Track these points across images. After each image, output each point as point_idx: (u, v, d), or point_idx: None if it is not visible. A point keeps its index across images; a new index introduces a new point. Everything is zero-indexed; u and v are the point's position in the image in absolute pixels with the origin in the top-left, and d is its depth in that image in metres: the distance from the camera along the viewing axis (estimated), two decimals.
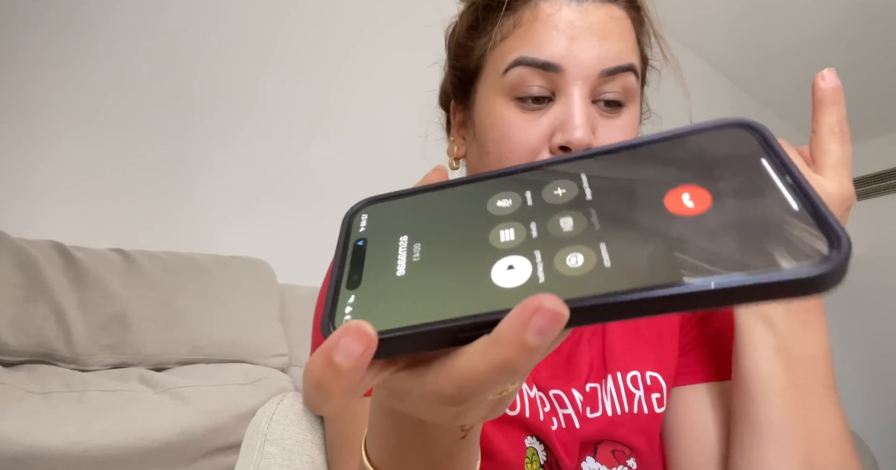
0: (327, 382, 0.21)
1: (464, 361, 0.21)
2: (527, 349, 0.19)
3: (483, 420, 0.28)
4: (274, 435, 0.52)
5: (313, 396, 0.22)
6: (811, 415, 0.48)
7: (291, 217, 1.58)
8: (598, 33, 0.49)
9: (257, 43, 1.65)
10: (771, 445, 0.48)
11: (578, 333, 0.61)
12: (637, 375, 0.60)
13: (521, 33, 0.51)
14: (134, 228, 1.32)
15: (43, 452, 0.82)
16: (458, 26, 0.59)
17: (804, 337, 0.50)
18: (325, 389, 0.21)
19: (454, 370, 0.21)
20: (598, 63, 0.49)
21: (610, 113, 0.51)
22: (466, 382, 0.21)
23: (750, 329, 0.50)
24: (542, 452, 0.55)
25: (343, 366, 0.20)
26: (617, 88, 0.51)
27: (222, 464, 1.00)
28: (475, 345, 0.21)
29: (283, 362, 1.23)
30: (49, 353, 0.97)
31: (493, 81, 0.52)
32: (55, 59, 1.30)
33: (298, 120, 1.68)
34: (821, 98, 0.46)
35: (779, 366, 0.49)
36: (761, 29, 3.04)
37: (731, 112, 3.40)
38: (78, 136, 1.30)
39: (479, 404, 0.24)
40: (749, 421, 0.49)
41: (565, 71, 0.49)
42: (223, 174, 1.50)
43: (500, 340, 0.20)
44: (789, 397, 0.49)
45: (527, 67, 0.49)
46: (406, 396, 0.24)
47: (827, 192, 0.46)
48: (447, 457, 0.32)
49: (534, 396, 0.56)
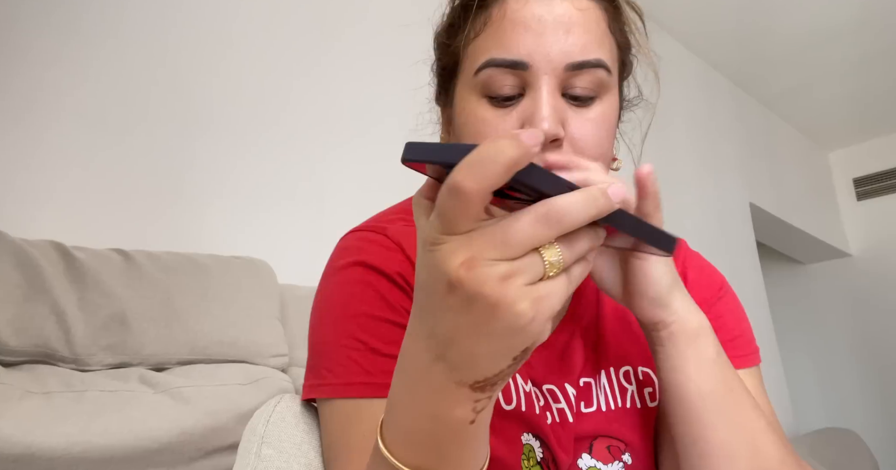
0: (506, 148, 0.28)
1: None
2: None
3: (492, 380, 0.32)
4: (271, 437, 0.52)
5: (483, 161, 0.28)
6: (746, 415, 0.50)
7: (291, 217, 1.59)
8: (564, 26, 0.50)
9: (257, 42, 1.65)
10: (720, 462, 0.49)
11: (572, 329, 0.62)
12: (629, 370, 0.61)
13: (491, 32, 0.52)
14: (134, 228, 1.32)
15: (43, 452, 0.83)
16: (441, 24, 0.61)
17: (713, 340, 0.52)
18: (501, 153, 0.28)
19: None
20: (564, 57, 0.50)
21: (580, 105, 0.51)
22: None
23: (686, 345, 0.51)
24: (539, 449, 0.55)
25: (526, 140, 0.28)
26: (586, 83, 0.51)
27: (222, 464, 1.00)
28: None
29: (283, 362, 1.24)
30: (49, 353, 0.97)
31: (467, 80, 0.53)
32: (55, 59, 1.30)
33: (299, 120, 1.68)
34: (641, 188, 0.50)
35: (717, 376, 0.50)
36: (761, 29, 3.04)
37: (731, 112, 3.40)
38: (78, 136, 1.30)
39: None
40: (695, 443, 0.51)
41: (532, 67, 0.49)
42: (223, 174, 1.50)
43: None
44: (729, 406, 0.50)
45: (496, 68, 0.50)
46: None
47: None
48: (456, 441, 0.35)
49: (528, 390, 0.56)
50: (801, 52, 3.21)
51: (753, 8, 2.89)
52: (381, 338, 0.51)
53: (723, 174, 3.13)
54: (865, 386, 3.84)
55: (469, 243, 0.30)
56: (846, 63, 3.30)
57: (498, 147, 0.28)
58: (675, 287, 0.51)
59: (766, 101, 3.68)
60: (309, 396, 0.54)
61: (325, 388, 0.52)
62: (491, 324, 0.30)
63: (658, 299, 0.50)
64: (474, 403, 0.33)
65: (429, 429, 0.34)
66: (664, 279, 0.50)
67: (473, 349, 0.31)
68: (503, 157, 0.28)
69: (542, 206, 0.30)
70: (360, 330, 0.51)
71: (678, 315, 0.51)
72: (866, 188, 4.08)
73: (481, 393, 0.33)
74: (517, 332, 0.30)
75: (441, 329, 0.32)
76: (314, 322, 0.56)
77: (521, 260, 0.30)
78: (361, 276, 0.54)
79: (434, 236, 0.31)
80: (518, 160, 0.28)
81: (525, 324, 0.30)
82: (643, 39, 0.59)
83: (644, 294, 0.50)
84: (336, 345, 0.52)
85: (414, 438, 0.35)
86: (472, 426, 0.34)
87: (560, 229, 0.30)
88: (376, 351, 0.50)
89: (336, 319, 0.53)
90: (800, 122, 3.92)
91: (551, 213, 0.30)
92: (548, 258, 0.30)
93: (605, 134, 0.52)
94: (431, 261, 0.31)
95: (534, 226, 0.29)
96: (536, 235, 0.30)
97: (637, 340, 0.62)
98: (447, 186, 0.29)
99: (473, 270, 0.29)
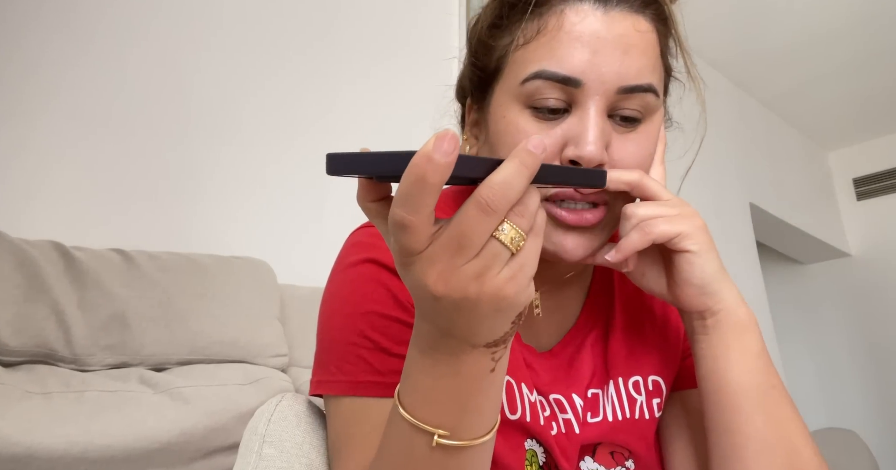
0: (428, 174, 0.29)
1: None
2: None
3: (502, 330, 0.35)
4: (272, 437, 0.52)
5: (412, 194, 0.29)
6: (786, 414, 0.50)
7: (291, 217, 1.58)
8: (622, 47, 0.49)
9: (257, 42, 1.65)
10: (756, 456, 0.49)
11: (581, 339, 0.61)
12: (639, 380, 0.60)
13: (544, 41, 0.50)
14: (134, 228, 1.32)
15: (43, 453, 0.83)
16: (481, 20, 0.58)
17: (759, 336, 0.52)
18: (425, 181, 0.29)
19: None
20: (618, 79, 0.48)
21: (626, 127, 0.51)
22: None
23: (732, 335, 0.51)
24: (542, 454, 0.55)
25: (441, 160, 0.28)
26: (634, 106, 0.50)
27: (222, 464, 1.00)
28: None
29: (283, 362, 1.24)
30: (49, 353, 0.97)
31: (511, 87, 0.52)
32: (55, 58, 1.30)
33: (299, 120, 1.68)
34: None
35: (761, 370, 0.50)
36: (761, 29, 3.04)
37: (731, 112, 3.40)
38: (78, 136, 1.30)
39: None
40: (730, 433, 0.50)
41: (584, 85, 0.48)
42: (223, 174, 1.50)
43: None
44: (770, 403, 0.50)
45: (546, 80, 0.49)
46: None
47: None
48: (478, 391, 0.37)
49: (534, 400, 0.56)
50: (801, 52, 3.21)
51: (753, 8, 2.89)
52: (391, 337, 0.51)
53: (723, 174, 3.13)
54: (865, 386, 3.84)
55: (432, 258, 0.32)
56: (846, 63, 3.30)
57: (419, 177, 0.29)
58: (723, 277, 0.51)
59: (766, 101, 3.68)
60: (317, 392, 0.54)
61: (334, 384, 0.52)
62: (482, 313, 0.33)
63: (704, 286, 0.50)
64: (492, 354, 0.36)
65: (451, 386, 0.37)
66: (708, 266, 0.50)
67: (474, 329, 0.34)
68: (429, 186, 0.29)
69: (479, 194, 0.31)
70: (370, 328, 0.51)
71: (725, 303, 0.51)
72: (866, 188, 4.08)
73: (496, 347, 0.36)
74: (507, 308, 0.34)
75: (440, 324, 0.35)
76: (324, 317, 0.56)
77: (484, 251, 0.32)
78: (372, 273, 0.53)
79: (400, 258, 0.33)
80: (440, 179, 0.29)
81: (511, 300, 0.33)
82: (695, 71, 0.58)
83: (689, 282, 0.50)
84: (346, 342, 0.52)
85: (436, 398, 0.37)
86: (493, 374, 0.37)
87: (505, 208, 0.32)
88: (386, 350, 0.50)
89: (346, 315, 0.53)
90: (800, 122, 3.92)
91: (490, 197, 0.31)
92: (506, 240, 0.32)
93: (646, 156, 0.52)
94: (409, 279, 0.34)
95: (480, 218, 0.31)
96: (486, 227, 0.32)
97: (649, 349, 0.62)
98: (392, 222, 0.31)
99: (449, 283, 0.32)
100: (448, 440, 0.37)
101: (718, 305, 0.51)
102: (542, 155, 0.32)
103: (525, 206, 0.33)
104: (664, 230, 0.49)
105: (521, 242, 0.33)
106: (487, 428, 0.39)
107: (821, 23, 2.98)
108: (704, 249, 0.50)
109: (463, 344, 0.35)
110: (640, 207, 0.50)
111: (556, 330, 0.61)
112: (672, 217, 0.50)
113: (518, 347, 0.58)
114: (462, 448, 0.38)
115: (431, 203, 0.30)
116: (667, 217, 0.50)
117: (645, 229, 0.49)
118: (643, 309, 0.64)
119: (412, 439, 0.38)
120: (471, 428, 0.38)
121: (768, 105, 3.73)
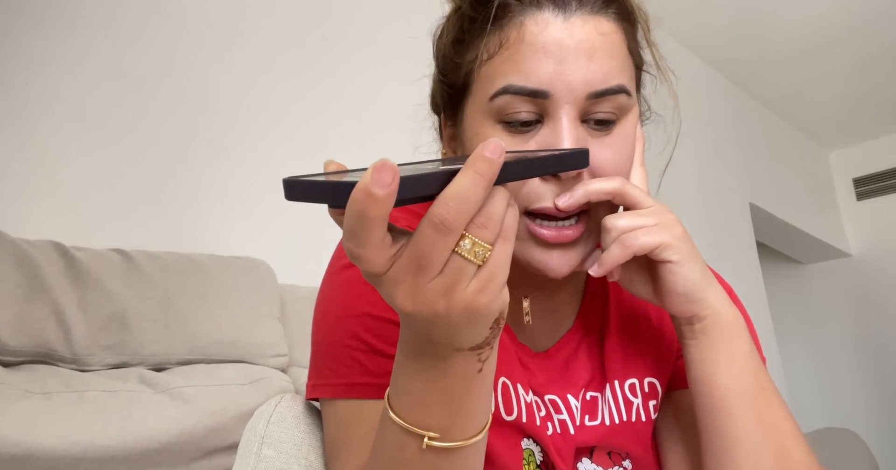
0: (368, 208, 0.27)
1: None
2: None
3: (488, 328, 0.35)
4: (271, 438, 0.52)
5: (355, 229, 0.29)
6: (776, 415, 0.50)
7: (291, 217, 1.58)
8: (586, 53, 0.48)
9: (258, 43, 1.65)
10: (746, 458, 0.49)
11: (577, 341, 0.61)
12: (635, 383, 0.60)
13: (507, 55, 0.49)
14: (134, 228, 1.32)
15: (43, 452, 0.83)
16: (444, 34, 0.58)
17: (747, 337, 0.52)
18: (366, 216, 0.28)
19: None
20: (586, 85, 0.48)
21: (601, 131, 0.50)
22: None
23: (721, 339, 0.51)
24: (539, 453, 0.55)
25: (379, 193, 0.27)
26: (607, 108, 0.50)
27: (222, 464, 1.00)
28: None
29: (283, 362, 1.24)
30: (49, 353, 0.97)
31: (480, 104, 0.51)
32: (55, 59, 1.30)
33: (299, 120, 1.68)
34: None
35: (750, 373, 0.50)
36: (761, 29, 3.04)
37: (731, 112, 3.40)
38: (78, 136, 1.30)
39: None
40: (722, 436, 0.50)
41: (553, 96, 0.47)
42: (223, 174, 1.50)
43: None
44: (760, 405, 0.50)
45: (514, 95, 0.48)
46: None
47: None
48: (466, 392, 0.37)
49: (530, 401, 0.56)
50: (801, 52, 3.21)
51: (753, 8, 2.89)
52: (385, 339, 0.51)
53: (722, 174, 3.13)
54: (865, 386, 3.85)
55: (396, 279, 0.32)
56: (846, 63, 3.30)
57: (360, 212, 0.28)
58: (709, 282, 0.51)
59: (766, 101, 3.68)
60: (312, 396, 0.54)
61: (328, 387, 0.52)
62: (456, 324, 0.33)
63: (688, 294, 0.50)
64: (477, 355, 0.36)
65: (439, 388, 0.37)
66: (691, 274, 0.50)
67: (453, 337, 0.35)
68: (370, 221, 0.28)
69: (433, 212, 0.30)
70: (363, 330, 0.51)
71: (713, 309, 0.51)
72: (866, 188, 4.08)
73: (480, 349, 0.36)
74: (482, 319, 0.34)
75: (420, 333, 0.35)
76: (317, 320, 0.56)
77: (447, 268, 0.31)
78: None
79: (367, 278, 0.33)
80: (383, 212, 0.28)
81: (484, 311, 0.33)
82: (663, 63, 0.58)
83: (674, 291, 0.50)
84: (339, 345, 0.52)
85: (425, 400, 0.37)
86: (481, 374, 0.37)
87: (462, 224, 0.30)
88: (380, 352, 0.50)
89: (339, 318, 0.53)
90: (800, 122, 3.92)
91: (444, 215, 0.30)
92: (469, 256, 0.31)
93: (625, 159, 0.52)
94: (383, 296, 0.34)
95: (436, 238, 0.30)
96: (445, 245, 0.30)
97: (644, 351, 0.62)
98: (348, 253, 0.31)
99: (416, 301, 0.32)
100: (439, 442, 0.38)
101: (706, 311, 0.51)
102: (500, 159, 0.30)
103: (488, 216, 0.31)
104: (644, 242, 0.49)
105: (486, 254, 0.32)
106: (478, 428, 0.39)
107: (821, 24, 2.98)
108: (686, 258, 0.50)
109: (447, 349, 0.35)
110: (620, 219, 0.50)
111: (551, 332, 0.61)
112: (651, 228, 0.49)
113: (513, 346, 0.58)
114: (453, 449, 0.38)
115: (378, 234, 0.29)
116: (646, 228, 0.49)
117: (625, 243, 0.49)
118: (638, 309, 0.64)
119: (403, 442, 0.38)
120: (461, 429, 0.38)
121: (768, 105, 3.73)
